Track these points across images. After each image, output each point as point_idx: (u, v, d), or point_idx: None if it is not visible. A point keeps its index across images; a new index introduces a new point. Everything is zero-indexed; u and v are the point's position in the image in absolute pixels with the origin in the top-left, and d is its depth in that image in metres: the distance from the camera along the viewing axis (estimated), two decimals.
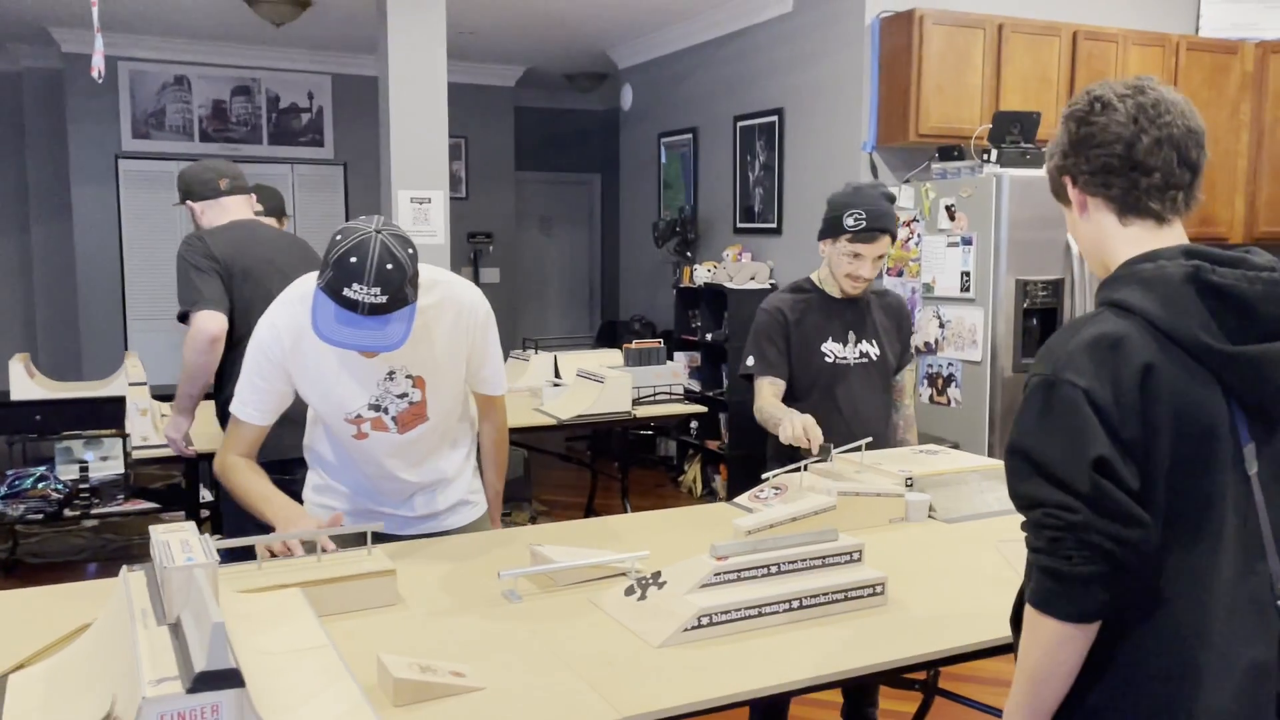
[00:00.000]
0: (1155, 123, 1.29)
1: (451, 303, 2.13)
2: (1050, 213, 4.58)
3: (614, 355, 4.14)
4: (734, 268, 5.90)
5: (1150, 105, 1.30)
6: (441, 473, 2.25)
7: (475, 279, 8.12)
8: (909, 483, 2.38)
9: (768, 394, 2.73)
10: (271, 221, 3.53)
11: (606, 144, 8.79)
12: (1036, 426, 1.24)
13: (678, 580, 1.72)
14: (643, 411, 3.76)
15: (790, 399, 2.76)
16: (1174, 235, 1.33)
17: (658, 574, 1.76)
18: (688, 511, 2.52)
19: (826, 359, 2.77)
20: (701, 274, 6.12)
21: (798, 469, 2.38)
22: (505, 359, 4.52)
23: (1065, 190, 1.39)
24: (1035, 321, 4.62)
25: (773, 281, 5.91)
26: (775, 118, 5.85)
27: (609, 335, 7.71)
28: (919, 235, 4.96)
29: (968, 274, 4.64)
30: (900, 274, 5.04)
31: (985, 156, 4.68)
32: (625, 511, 4.01)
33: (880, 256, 2.68)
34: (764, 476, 2.42)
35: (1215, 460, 1.24)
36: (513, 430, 3.76)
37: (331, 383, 2.05)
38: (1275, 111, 5.48)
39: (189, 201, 3.17)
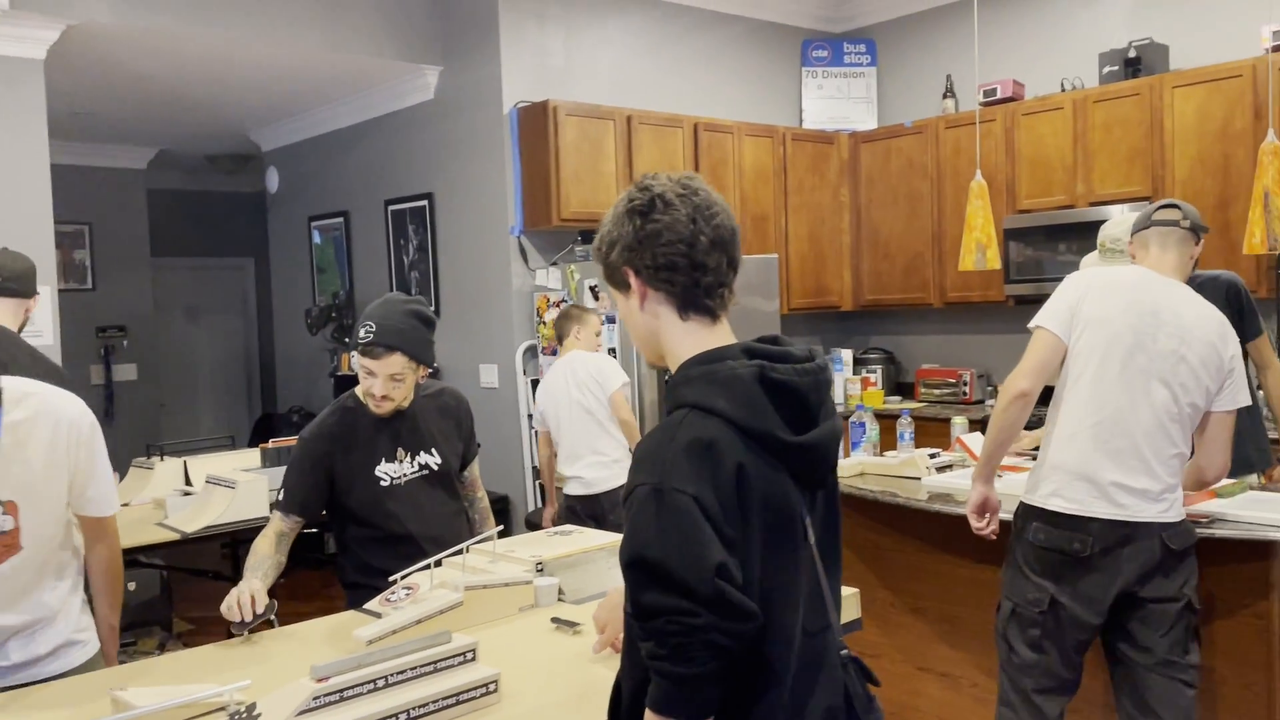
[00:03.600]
0: (710, 223, 1.36)
1: (48, 416, 1.95)
2: None
3: (253, 456, 3.88)
4: None
5: (704, 206, 1.37)
6: (41, 611, 2.01)
7: (107, 377, 7.39)
8: (539, 568, 2.40)
9: (270, 535, 2.51)
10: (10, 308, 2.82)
11: (258, 227, 8.38)
12: (655, 537, 1.25)
13: (273, 711, 1.60)
14: None
15: (349, 527, 2.63)
16: (724, 331, 1.43)
17: (253, 706, 1.63)
18: (316, 624, 2.38)
19: (382, 483, 2.58)
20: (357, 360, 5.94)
21: (427, 566, 2.32)
22: (128, 467, 4.12)
23: (626, 280, 1.41)
24: None
25: (435, 365, 5.85)
26: (425, 202, 5.85)
27: (265, 430, 7.26)
28: None
29: (614, 350, 4.85)
30: (554, 353, 5.17)
31: None
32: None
33: (396, 376, 2.48)
34: (390, 579, 2.34)
35: (793, 539, 1.35)
36: (147, 547, 3.44)
37: None
38: (868, 194, 6.25)
39: None
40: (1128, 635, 2.57)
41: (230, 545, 4.19)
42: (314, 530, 6.32)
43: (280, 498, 2.58)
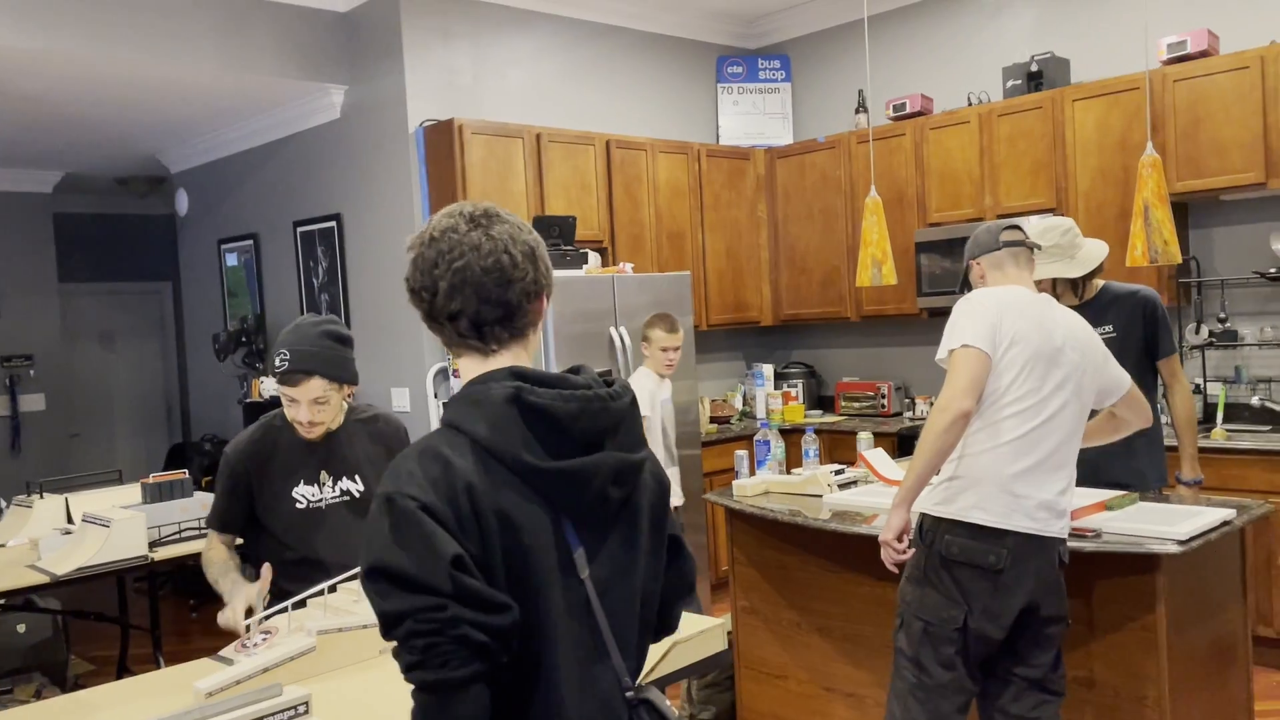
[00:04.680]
0: (450, 268, 1.33)
1: None
2: (589, 306, 4.86)
3: (136, 492, 3.72)
4: None
5: (448, 251, 1.33)
6: None
7: (13, 408, 7.14)
8: None
9: (215, 545, 2.60)
10: None
11: (173, 250, 8.18)
12: (389, 543, 1.22)
13: None
14: (165, 553, 3.40)
15: (264, 541, 2.60)
16: (509, 358, 1.38)
17: None
18: (167, 673, 2.27)
19: (298, 505, 2.56)
20: (269, 386, 5.79)
21: (285, 609, 2.22)
22: (9, 505, 3.95)
23: None
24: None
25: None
26: (334, 223, 5.73)
27: (178, 460, 7.06)
28: None
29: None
30: None
31: None
32: (159, 667, 3.58)
33: (319, 400, 2.47)
34: (245, 623, 2.23)
35: (545, 570, 1.28)
36: (37, 587, 3.27)
37: None
38: (785, 209, 6.25)
39: None
40: (1014, 652, 2.59)
41: (119, 585, 4.03)
42: None
43: (209, 513, 2.64)
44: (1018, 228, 2.76)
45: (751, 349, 6.68)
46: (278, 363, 2.46)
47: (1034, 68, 5.15)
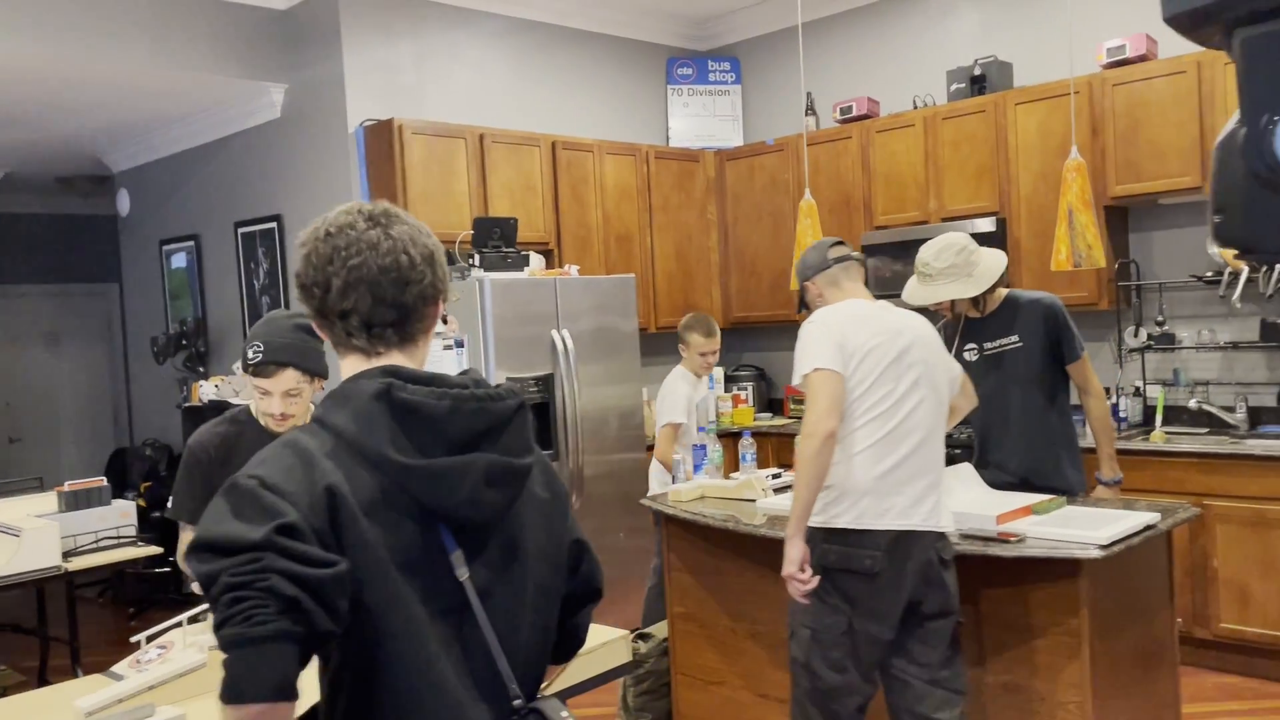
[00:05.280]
0: (346, 265, 1.29)
1: None
2: (531, 309, 4.80)
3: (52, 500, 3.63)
4: (241, 382, 5.54)
5: (345, 247, 1.29)
6: None
7: None
8: None
9: (188, 539, 2.56)
10: None
11: (119, 251, 8.02)
12: (222, 518, 1.16)
13: None
14: (80, 563, 3.31)
15: None
16: (393, 360, 1.34)
17: None
18: (67, 687, 2.20)
19: None
20: (208, 390, 5.69)
21: (179, 624, 2.16)
22: None
23: None
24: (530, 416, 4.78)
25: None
26: (275, 224, 5.64)
27: (119, 466, 6.92)
28: None
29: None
30: None
31: (471, 261, 4.81)
32: (76, 675, 3.49)
33: (292, 392, 2.47)
34: (133, 639, 2.16)
35: (409, 570, 1.23)
36: None
37: None
38: (735, 212, 6.23)
39: None
40: (906, 653, 2.66)
41: (39, 595, 3.92)
42: (168, 569, 6.03)
43: (171, 506, 2.62)
44: (842, 243, 2.87)
45: None
46: (250, 354, 2.46)
47: (977, 71, 5.16)
